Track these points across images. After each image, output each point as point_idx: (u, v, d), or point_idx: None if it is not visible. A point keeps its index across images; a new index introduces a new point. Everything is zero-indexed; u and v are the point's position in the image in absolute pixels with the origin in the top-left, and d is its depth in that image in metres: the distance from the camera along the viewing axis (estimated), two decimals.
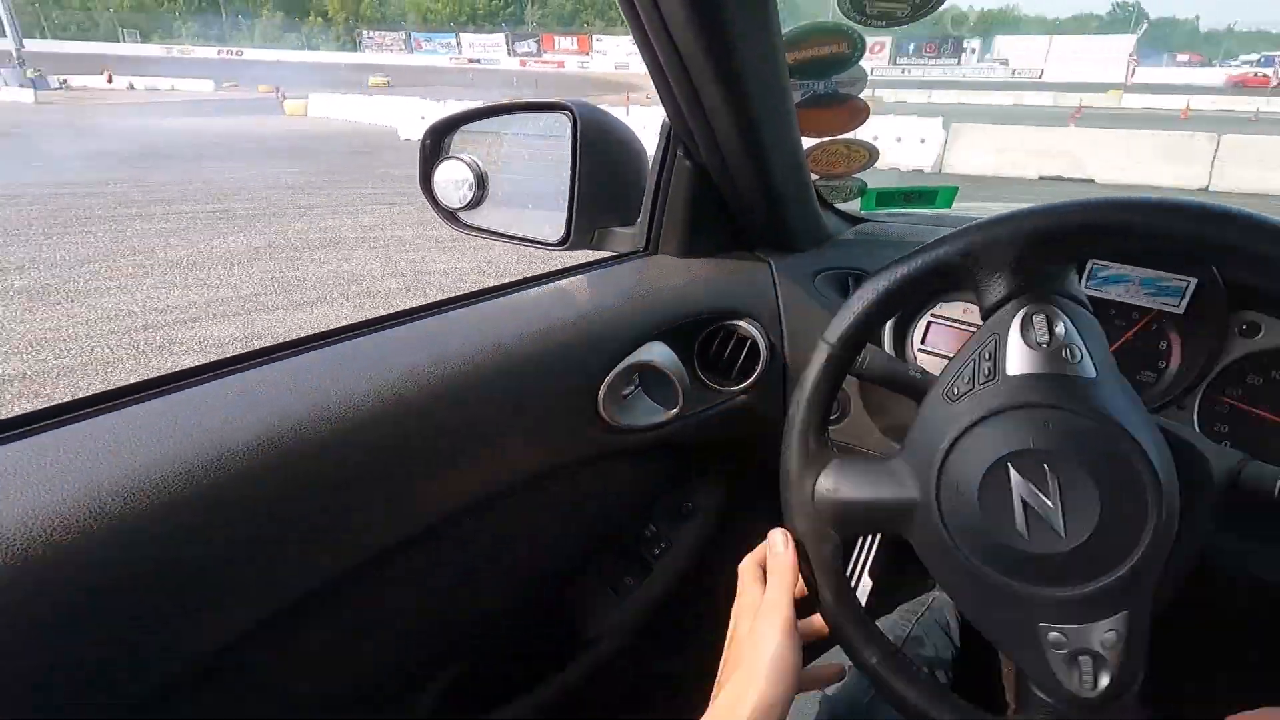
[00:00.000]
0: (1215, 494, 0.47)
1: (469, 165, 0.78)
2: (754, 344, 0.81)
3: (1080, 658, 0.43)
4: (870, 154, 0.81)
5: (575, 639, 0.86)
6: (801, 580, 0.50)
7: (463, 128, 0.80)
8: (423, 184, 0.79)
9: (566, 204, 0.79)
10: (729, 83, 0.62)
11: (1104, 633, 0.42)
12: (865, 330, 0.52)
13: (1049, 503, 0.43)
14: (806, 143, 0.79)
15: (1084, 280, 0.72)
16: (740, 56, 0.60)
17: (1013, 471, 0.43)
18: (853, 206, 0.91)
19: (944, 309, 0.82)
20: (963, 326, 0.82)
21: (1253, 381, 0.69)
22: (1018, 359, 0.46)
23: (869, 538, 1.08)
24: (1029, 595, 0.44)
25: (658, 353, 0.73)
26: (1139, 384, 0.73)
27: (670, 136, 0.75)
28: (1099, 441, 0.43)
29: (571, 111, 0.76)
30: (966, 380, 0.47)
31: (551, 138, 0.82)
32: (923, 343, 0.84)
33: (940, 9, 0.63)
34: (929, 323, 0.84)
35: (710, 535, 0.86)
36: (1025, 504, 0.44)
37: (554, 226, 0.83)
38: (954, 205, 0.94)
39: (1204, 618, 0.61)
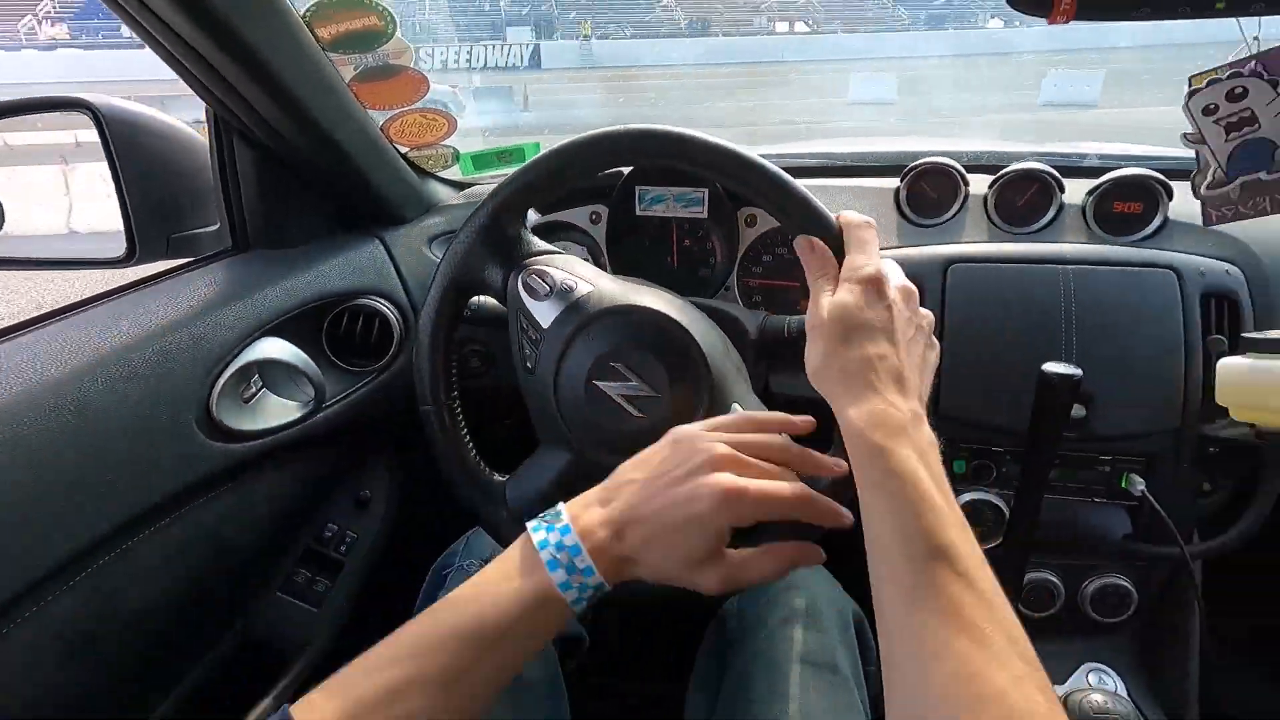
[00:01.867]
0: (754, 344, 0.63)
1: None
2: (385, 319, 0.82)
3: None
4: (449, 121, 0.87)
5: (278, 662, 0.81)
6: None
7: None
8: None
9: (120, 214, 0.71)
10: (250, 63, 0.61)
11: None
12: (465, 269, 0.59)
13: (638, 386, 0.54)
14: (380, 116, 0.82)
15: (636, 204, 0.88)
16: (251, 34, 0.59)
17: (601, 383, 0.54)
18: (456, 173, 0.96)
19: None
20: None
21: (766, 260, 0.92)
22: (541, 313, 0.57)
23: None
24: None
25: (270, 348, 0.71)
26: (701, 279, 0.93)
27: (218, 123, 0.71)
28: (633, 322, 0.56)
29: (91, 109, 0.67)
30: (528, 353, 0.58)
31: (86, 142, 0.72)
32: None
33: None
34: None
35: (392, 515, 0.87)
36: (625, 397, 0.54)
37: (117, 241, 0.74)
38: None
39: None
